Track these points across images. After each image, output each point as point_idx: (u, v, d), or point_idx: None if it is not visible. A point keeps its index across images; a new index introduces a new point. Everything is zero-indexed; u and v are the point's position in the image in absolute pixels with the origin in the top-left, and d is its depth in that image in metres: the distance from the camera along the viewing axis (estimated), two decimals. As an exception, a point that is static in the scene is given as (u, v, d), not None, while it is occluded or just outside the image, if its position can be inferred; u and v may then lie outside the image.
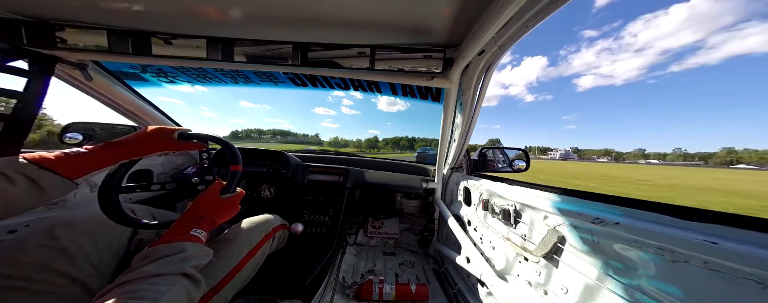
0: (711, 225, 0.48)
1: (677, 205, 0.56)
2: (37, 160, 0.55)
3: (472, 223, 1.34)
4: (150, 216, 0.91)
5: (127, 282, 0.49)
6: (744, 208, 18.01)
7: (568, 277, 0.73)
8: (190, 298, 0.54)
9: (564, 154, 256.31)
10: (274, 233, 1.08)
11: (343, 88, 1.41)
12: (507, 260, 1.01)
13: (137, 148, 0.72)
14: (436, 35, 0.84)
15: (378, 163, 2.12)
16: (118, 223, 0.72)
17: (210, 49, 0.90)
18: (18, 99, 0.88)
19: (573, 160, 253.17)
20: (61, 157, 0.58)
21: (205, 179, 0.90)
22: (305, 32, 0.87)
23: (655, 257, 0.53)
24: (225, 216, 0.76)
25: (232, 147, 0.86)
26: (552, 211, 0.78)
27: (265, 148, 1.81)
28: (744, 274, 0.41)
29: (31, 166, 0.53)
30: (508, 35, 0.79)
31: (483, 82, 1.06)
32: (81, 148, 0.63)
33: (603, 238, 0.63)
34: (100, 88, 1.22)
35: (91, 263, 0.68)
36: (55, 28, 0.87)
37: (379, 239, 2.01)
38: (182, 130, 0.81)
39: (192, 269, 0.56)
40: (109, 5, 0.79)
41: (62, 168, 0.57)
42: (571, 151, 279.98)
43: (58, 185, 0.57)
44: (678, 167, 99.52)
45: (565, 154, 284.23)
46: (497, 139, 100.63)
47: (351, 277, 1.52)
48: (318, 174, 1.78)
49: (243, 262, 0.86)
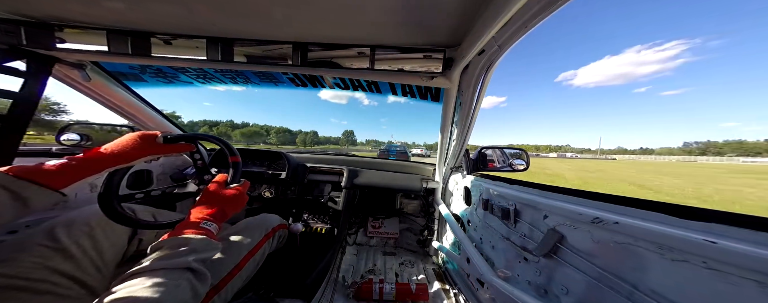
0: (710, 224, 0.48)
1: (677, 204, 0.56)
2: (16, 172, 0.54)
3: (472, 222, 1.35)
4: (150, 216, 0.91)
5: (132, 276, 0.49)
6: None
7: (568, 277, 0.73)
8: (195, 293, 0.54)
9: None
10: (274, 233, 1.08)
11: (342, 88, 1.41)
12: (507, 260, 1.02)
13: (121, 156, 0.71)
14: (436, 35, 0.84)
15: (378, 163, 2.12)
16: (119, 223, 0.73)
17: (210, 49, 0.90)
18: (14, 100, 0.88)
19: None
20: (42, 168, 0.57)
21: (204, 179, 0.90)
22: (305, 32, 0.87)
23: (654, 256, 0.53)
24: (235, 207, 0.75)
25: (225, 141, 0.88)
26: (552, 211, 0.78)
27: (265, 149, 1.81)
28: (743, 273, 0.41)
29: (10, 178, 0.52)
30: (508, 35, 0.79)
31: (483, 82, 1.07)
32: (62, 160, 0.62)
33: (603, 237, 0.63)
34: (99, 88, 1.21)
35: (92, 263, 0.68)
36: (54, 28, 0.87)
37: (379, 239, 2.01)
38: (165, 133, 0.80)
39: (197, 263, 0.56)
40: (108, 5, 0.78)
41: (44, 178, 0.56)
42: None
43: (42, 196, 0.55)
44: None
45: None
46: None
47: (351, 277, 1.52)
48: (318, 174, 1.78)
49: (243, 261, 0.86)
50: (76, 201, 1.11)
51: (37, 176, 0.56)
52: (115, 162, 0.70)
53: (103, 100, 1.29)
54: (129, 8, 0.79)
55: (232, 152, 0.84)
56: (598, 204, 0.69)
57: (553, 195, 0.84)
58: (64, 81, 1.12)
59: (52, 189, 0.57)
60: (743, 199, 15.88)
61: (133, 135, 0.75)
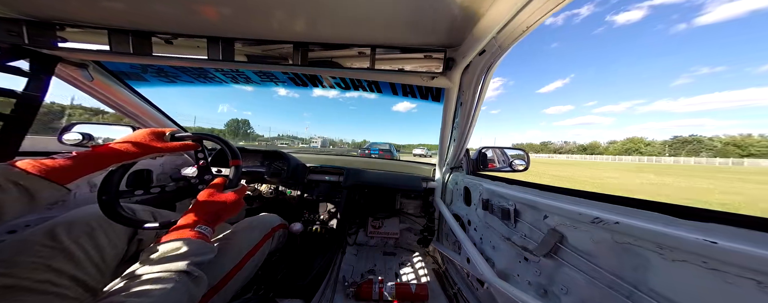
0: (710, 224, 0.48)
1: (677, 204, 0.56)
2: (24, 167, 0.54)
3: (472, 222, 1.34)
4: (150, 216, 0.91)
5: (128, 280, 0.49)
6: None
7: (568, 277, 0.73)
8: (191, 296, 0.54)
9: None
10: (273, 233, 1.08)
11: (343, 88, 1.41)
12: (507, 260, 1.01)
13: (128, 153, 0.70)
14: (437, 35, 0.84)
15: (378, 163, 2.12)
16: (119, 223, 0.72)
17: (211, 48, 0.91)
18: (18, 99, 0.88)
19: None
20: (49, 163, 0.58)
21: (204, 178, 0.90)
22: (306, 32, 0.87)
23: (654, 256, 0.53)
24: (231, 211, 0.75)
25: (229, 142, 0.86)
26: (552, 211, 0.78)
27: (264, 149, 1.81)
28: (743, 273, 0.41)
29: (19, 173, 0.53)
30: (509, 35, 0.79)
31: (483, 82, 1.07)
32: (69, 154, 0.62)
33: (603, 237, 0.63)
34: (101, 88, 1.22)
35: (92, 263, 0.68)
36: (57, 27, 0.87)
37: (379, 239, 2.01)
38: (174, 130, 0.80)
39: (193, 267, 0.56)
40: (110, 5, 0.79)
41: (51, 174, 0.56)
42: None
43: (48, 191, 0.56)
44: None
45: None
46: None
47: (351, 277, 1.52)
48: (318, 174, 1.78)
49: (243, 261, 0.86)
50: (75, 200, 1.11)
51: (43, 171, 0.56)
52: (124, 157, 0.70)
53: (106, 99, 1.30)
54: (130, 8, 0.79)
55: (234, 155, 0.83)
56: (599, 204, 0.69)
57: (553, 195, 0.84)
58: (67, 80, 1.13)
59: (60, 184, 0.57)
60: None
61: (143, 131, 0.75)
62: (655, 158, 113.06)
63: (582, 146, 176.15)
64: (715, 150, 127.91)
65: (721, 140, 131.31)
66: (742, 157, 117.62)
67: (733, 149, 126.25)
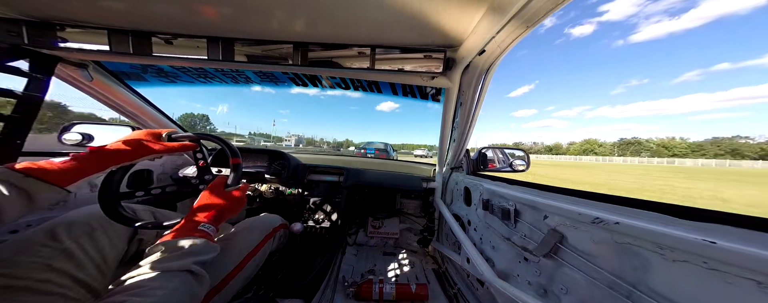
0: (710, 224, 0.48)
1: (677, 204, 0.56)
2: (23, 169, 0.54)
3: (472, 223, 1.34)
4: (151, 216, 0.91)
5: (131, 279, 0.49)
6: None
7: (568, 277, 0.73)
8: (194, 295, 0.54)
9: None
10: (274, 233, 1.08)
11: (343, 88, 1.41)
12: (507, 260, 1.01)
13: (126, 154, 0.70)
14: (437, 35, 0.84)
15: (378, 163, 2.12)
16: (120, 223, 0.72)
17: (210, 49, 0.91)
18: (18, 99, 0.88)
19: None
20: (48, 166, 0.57)
21: (204, 178, 0.90)
22: (305, 32, 0.87)
23: (654, 257, 0.53)
24: (233, 210, 0.75)
25: (228, 141, 0.87)
26: (552, 211, 0.78)
27: (265, 149, 1.81)
28: (743, 273, 0.41)
29: (18, 175, 0.53)
30: (509, 35, 0.79)
31: (483, 82, 1.07)
32: (68, 157, 0.62)
33: (603, 237, 0.63)
34: (101, 88, 1.22)
35: (93, 263, 0.68)
36: (56, 27, 0.87)
37: (379, 239, 2.01)
38: (172, 131, 0.81)
39: (196, 265, 0.56)
40: (110, 5, 0.79)
41: (50, 176, 0.56)
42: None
43: (47, 193, 0.55)
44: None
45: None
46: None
47: (351, 277, 1.52)
48: (318, 174, 1.78)
49: (244, 261, 0.86)
50: (75, 200, 1.11)
51: (42, 173, 0.55)
52: (122, 159, 0.70)
53: (106, 99, 1.30)
54: (130, 8, 0.79)
55: (233, 154, 0.84)
56: (599, 204, 0.69)
57: (553, 195, 0.84)
58: (67, 80, 1.12)
59: (60, 187, 0.57)
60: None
61: (140, 132, 0.75)
62: (608, 158, 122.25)
63: (548, 147, 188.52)
64: (651, 150, 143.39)
65: (654, 142, 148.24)
66: (671, 156, 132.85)
67: (663, 150, 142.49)
